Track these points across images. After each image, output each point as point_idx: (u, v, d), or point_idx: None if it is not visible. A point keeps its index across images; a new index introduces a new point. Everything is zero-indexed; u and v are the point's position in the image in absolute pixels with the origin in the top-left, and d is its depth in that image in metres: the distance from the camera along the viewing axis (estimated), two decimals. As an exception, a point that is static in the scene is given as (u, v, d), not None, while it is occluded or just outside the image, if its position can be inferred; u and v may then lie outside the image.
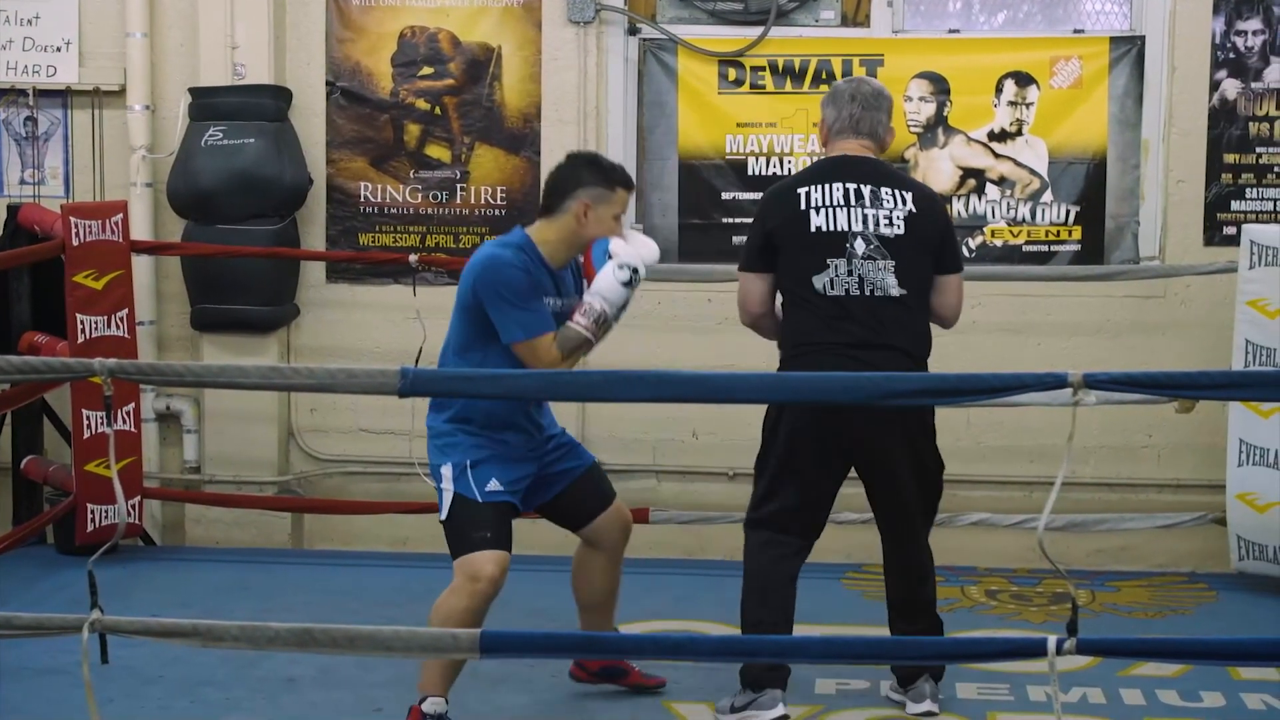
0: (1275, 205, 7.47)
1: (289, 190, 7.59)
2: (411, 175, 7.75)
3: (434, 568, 7.01)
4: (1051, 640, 4.06)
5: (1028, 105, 7.55)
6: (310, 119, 7.74)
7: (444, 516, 5.27)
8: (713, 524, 7.46)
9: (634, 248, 5.26)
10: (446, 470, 5.26)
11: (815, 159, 7.50)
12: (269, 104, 7.58)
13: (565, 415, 7.65)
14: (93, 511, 7.29)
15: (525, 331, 5.17)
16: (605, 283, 5.21)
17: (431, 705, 5.19)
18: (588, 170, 5.30)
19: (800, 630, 6.41)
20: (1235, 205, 7.47)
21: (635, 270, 5.20)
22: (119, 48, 7.75)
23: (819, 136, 5.83)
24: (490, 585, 5.18)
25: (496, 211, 7.72)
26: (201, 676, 5.92)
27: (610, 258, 5.21)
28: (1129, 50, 7.47)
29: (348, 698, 5.65)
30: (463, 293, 5.28)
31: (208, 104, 7.59)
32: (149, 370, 4.94)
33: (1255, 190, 7.48)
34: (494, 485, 5.24)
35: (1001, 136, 7.57)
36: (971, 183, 7.59)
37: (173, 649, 5.63)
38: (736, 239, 7.64)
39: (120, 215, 7.34)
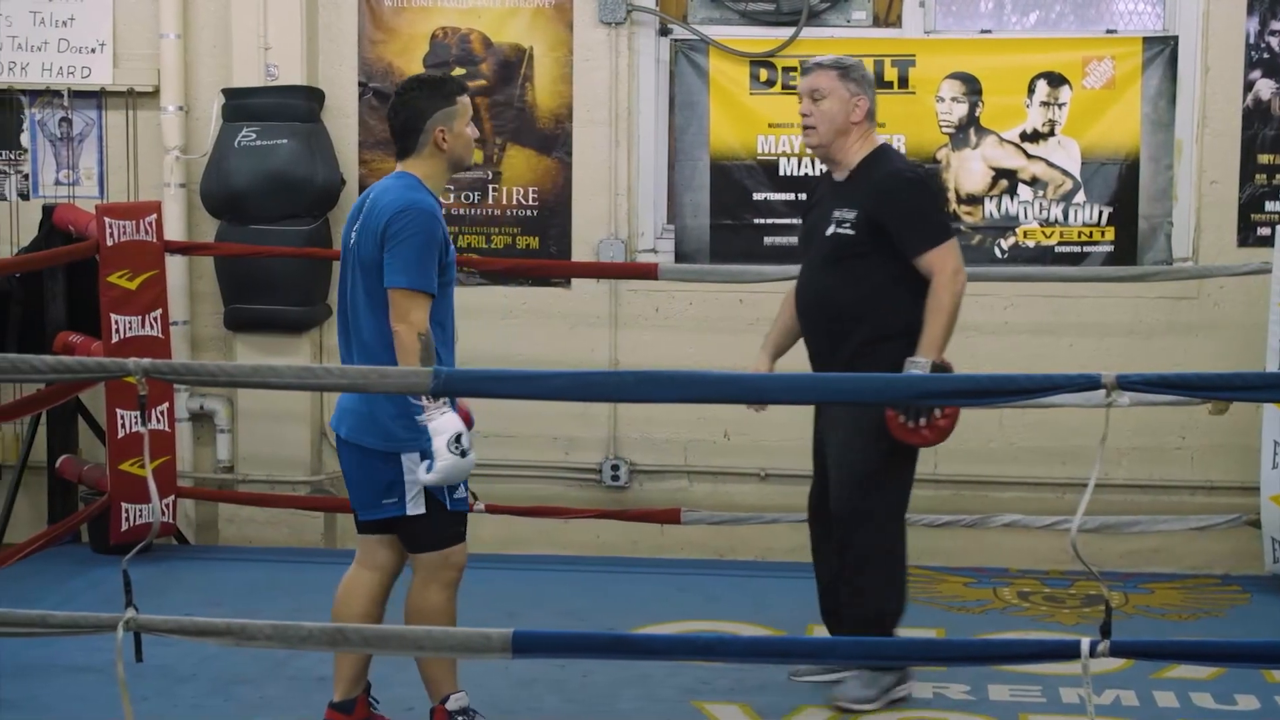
0: (1309, 206, 7.45)
1: (321, 190, 7.61)
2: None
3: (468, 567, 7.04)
4: (1085, 642, 4.05)
5: (1060, 106, 7.53)
6: (342, 120, 7.76)
7: (421, 511, 5.06)
8: (744, 525, 7.47)
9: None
10: (412, 460, 5.03)
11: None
12: (301, 105, 7.61)
13: (598, 417, 7.70)
14: (127, 511, 7.32)
15: (413, 280, 4.95)
16: (447, 425, 4.87)
17: (456, 701, 5.19)
18: (425, 98, 5.12)
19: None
20: (1269, 206, 7.44)
21: (464, 454, 4.90)
22: (153, 49, 7.79)
23: (853, 114, 5.71)
24: (460, 573, 5.17)
25: (529, 212, 7.74)
26: (234, 675, 5.94)
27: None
28: (1162, 50, 7.44)
29: (379, 696, 5.65)
30: (371, 246, 5.03)
31: (241, 105, 7.62)
32: (183, 370, 4.97)
33: (1289, 191, 7.46)
34: (461, 492, 5.13)
35: (1034, 137, 7.55)
36: (1004, 183, 7.57)
37: (206, 648, 5.64)
38: (768, 240, 7.66)
39: (154, 216, 7.37)
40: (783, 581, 7.25)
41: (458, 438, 4.86)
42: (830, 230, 5.71)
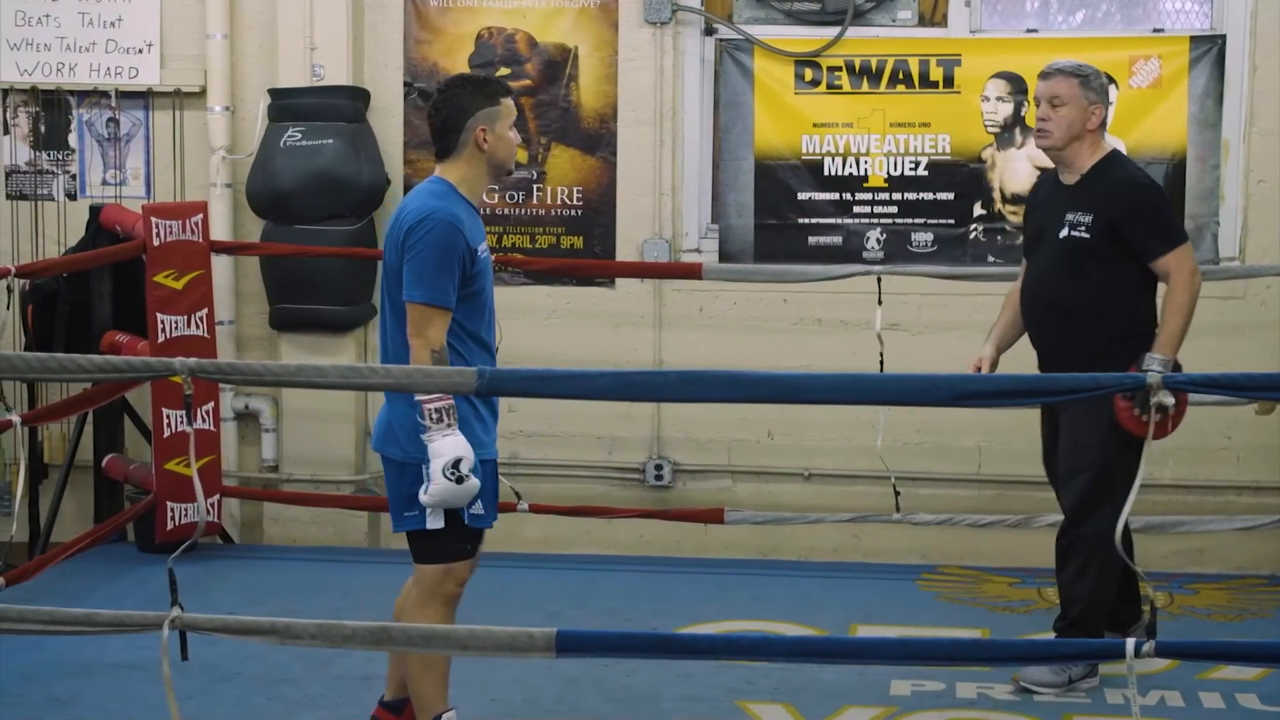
0: (1358, 205, 7.39)
1: (366, 190, 7.63)
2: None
3: (509, 566, 7.06)
4: (1130, 643, 4.04)
5: (1107, 105, 7.47)
6: (388, 119, 7.78)
7: (440, 525, 4.92)
8: (787, 524, 7.46)
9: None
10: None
11: (892, 158, 7.51)
12: (347, 105, 7.63)
13: (641, 416, 7.71)
14: (172, 510, 7.36)
15: (427, 294, 4.84)
16: (453, 447, 4.77)
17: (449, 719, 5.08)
18: (468, 96, 5.01)
19: (875, 631, 6.42)
20: (1316, 205, 7.39)
21: (460, 480, 4.79)
22: (199, 49, 7.83)
23: (1089, 121, 5.88)
24: (461, 589, 5.04)
25: (573, 212, 7.75)
26: (279, 674, 5.97)
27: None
28: (1209, 49, 7.40)
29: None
30: (393, 252, 4.94)
31: (286, 105, 7.64)
32: (228, 369, 4.98)
33: (1337, 190, 7.40)
34: (478, 509, 4.96)
35: (1079, 136, 7.50)
36: (1049, 183, 7.54)
37: (250, 646, 5.67)
38: (812, 239, 7.65)
39: (200, 216, 7.40)
40: (826, 581, 7.25)
41: (456, 463, 4.75)
42: (1064, 233, 5.86)
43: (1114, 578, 5.88)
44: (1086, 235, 5.81)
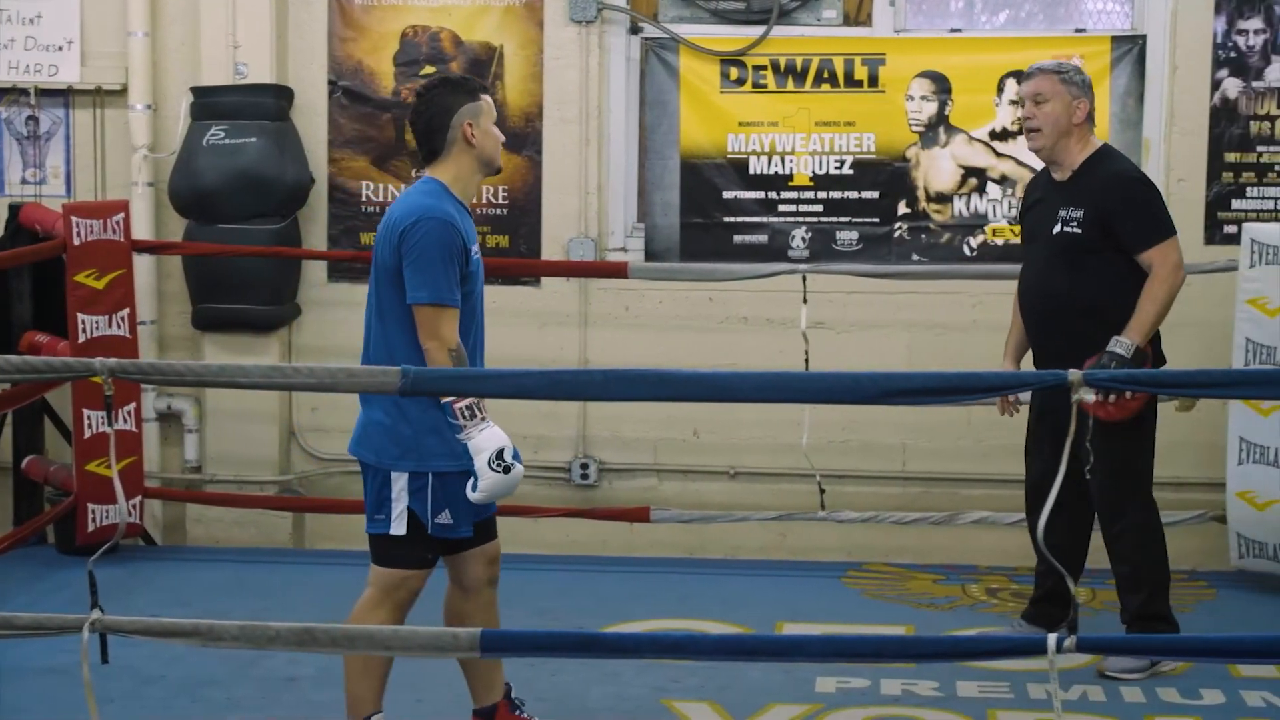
0: (1276, 204, 7.48)
1: (290, 189, 7.59)
2: (413, 174, 7.75)
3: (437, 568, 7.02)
4: (1052, 638, 4.07)
5: (1029, 104, 7.53)
6: (312, 118, 7.74)
7: (402, 531, 4.91)
8: (713, 523, 7.47)
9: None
10: (400, 480, 4.92)
11: (817, 157, 7.54)
12: (271, 103, 7.59)
13: (567, 415, 7.70)
14: (93, 511, 7.29)
15: (433, 294, 4.84)
16: (492, 438, 4.78)
17: None
18: (450, 95, 5.00)
19: (800, 629, 6.45)
20: (1236, 204, 7.48)
21: (507, 469, 4.78)
22: (121, 47, 7.76)
23: (1075, 116, 5.97)
24: (414, 596, 5.00)
25: (498, 211, 7.73)
26: (202, 676, 5.93)
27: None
28: (1130, 49, 7.47)
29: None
30: (385, 251, 4.93)
31: (209, 103, 7.59)
32: (150, 369, 4.93)
33: (1256, 189, 7.48)
34: (445, 518, 4.93)
35: (1003, 135, 7.57)
36: (973, 182, 7.60)
37: (173, 649, 5.63)
38: (738, 238, 7.67)
39: (122, 214, 7.34)
40: (752, 580, 7.27)
41: (499, 453, 4.75)
42: (1057, 229, 5.96)
43: (1165, 559, 6.07)
44: (1079, 230, 5.91)
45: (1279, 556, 6.88)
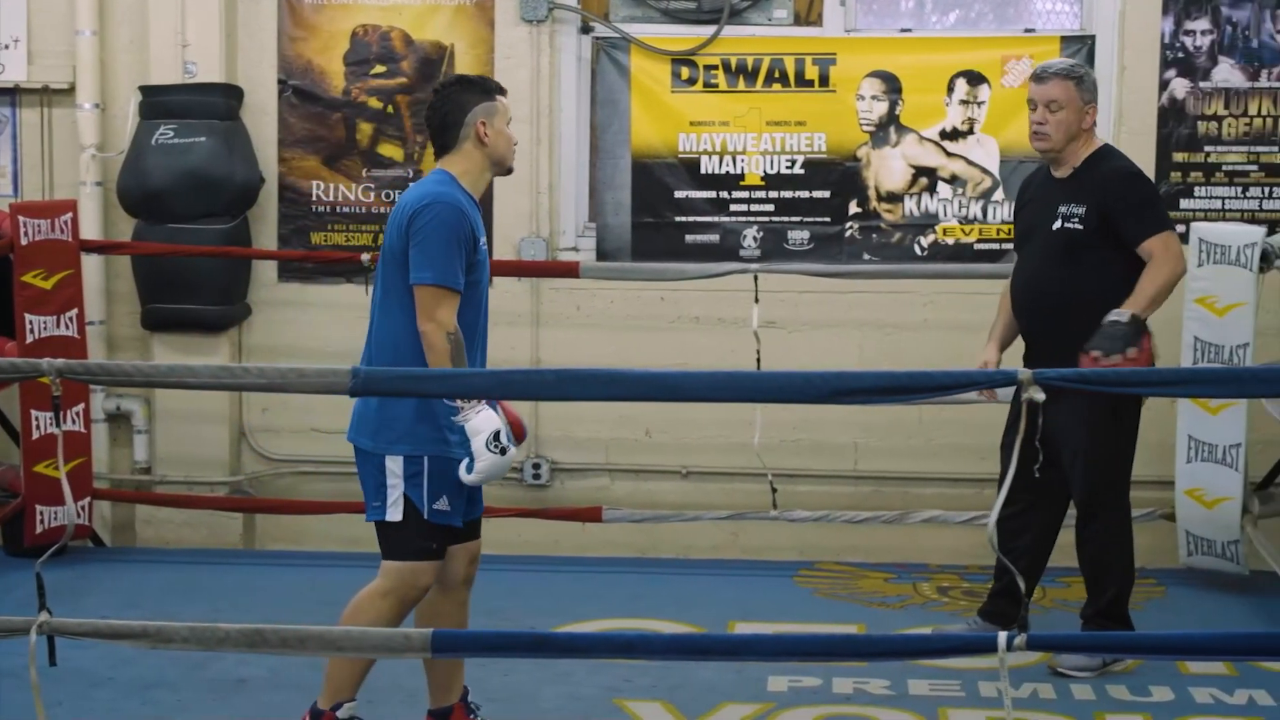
0: (1224, 204, 7.53)
1: (240, 189, 7.56)
2: (364, 174, 7.73)
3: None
4: (1002, 637, 4.08)
5: (979, 104, 7.58)
6: (262, 117, 7.71)
7: (398, 517, 4.96)
8: (665, 523, 7.47)
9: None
10: (396, 465, 4.96)
11: (768, 156, 7.55)
12: (220, 102, 7.55)
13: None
14: (41, 513, 7.25)
15: (435, 276, 4.88)
16: (487, 422, 4.80)
17: (348, 710, 5.04)
18: (466, 92, 5.11)
19: (752, 628, 6.45)
20: (1184, 204, 7.52)
21: (504, 451, 4.84)
22: (68, 45, 7.71)
23: (1085, 121, 5.99)
24: (422, 595, 5.04)
25: (449, 210, 7.70)
26: (152, 678, 5.89)
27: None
28: (1079, 49, 7.50)
29: (299, 698, 5.60)
30: (394, 236, 4.99)
31: (158, 102, 7.55)
32: (98, 370, 4.92)
33: (1204, 189, 7.53)
34: (443, 504, 4.96)
35: (953, 135, 7.60)
36: (923, 181, 7.62)
37: (122, 651, 5.59)
38: (689, 238, 7.67)
39: (70, 214, 7.30)
40: (704, 579, 7.28)
41: (496, 435, 4.80)
42: (1057, 225, 5.97)
43: (1132, 562, 6.11)
44: (1080, 226, 5.93)
45: (1227, 554, 6.92)
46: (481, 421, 4.82)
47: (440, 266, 4.90)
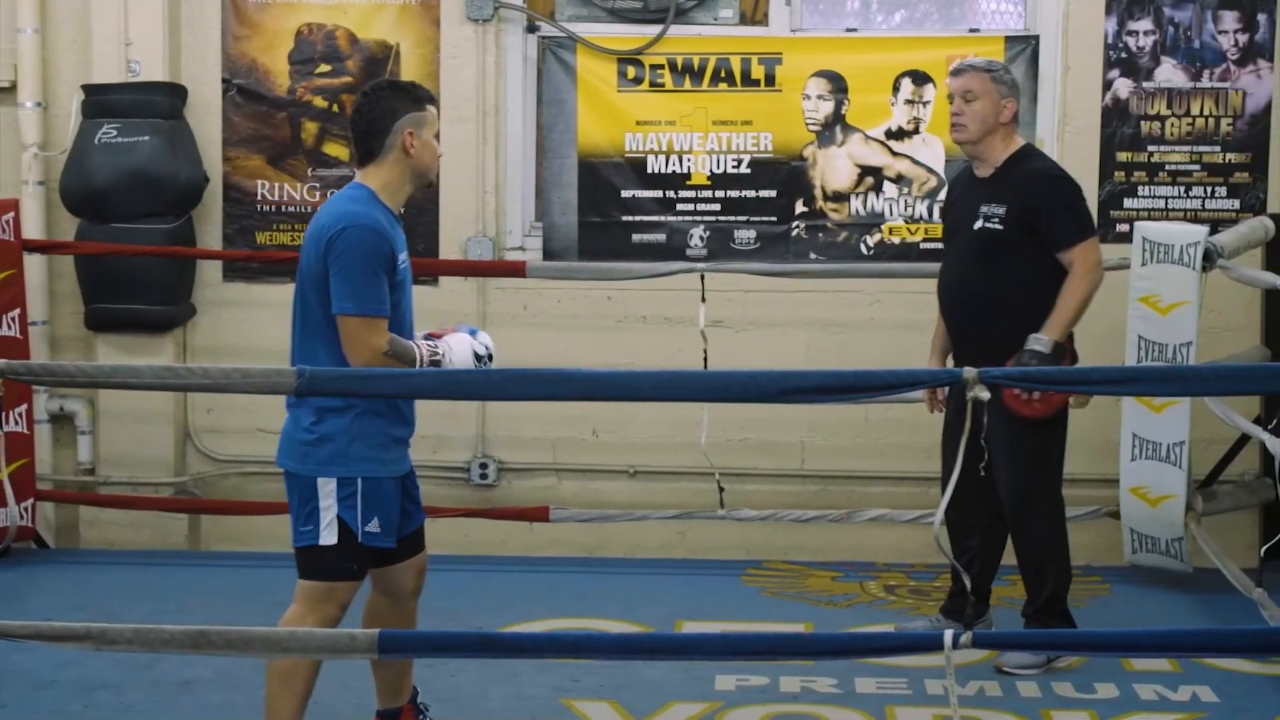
0: (1167, 203, 7.58)
1: (184, 188, 7.52)
2: (309, 173, 7.70)
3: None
4: (948, 635, 4.10)
5: (925, 104, 7.61)
6: (206, 116, 7.67)
7: (333, 540, 4.78)
8: (612, 522, 7.47)
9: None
10: (329, 486, 4.80)
11: (715, 156, 7.56)
12: (164, 101, 7.51)
13: (465, 415, 7.67)
14: (-16, 514, 7.20)
15: (358, 305, 4.73)
16: (461, 351, 4.93)
17: None
18: (395, 99, 4.91)
19: (699, 627, 6.46)
20: (1128, 203, 7.57)
21: (490, 357, 4.99)
22: (9, 43, 7.65)
23: (1002, 115, 6.04)
24: (343, 613, 4.90)
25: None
26: (96, 680, 5.85)
27: (474, 335, 5.03)
28: (1023, 49, 7.54)
29: (245, 700, 5.59)
30: (310, 258, 4.84)
31: (101, 101, 7.51)
32: (41, 371, 4.90)
33: (1147, 188, 7.58)
34: (374, 526, 4.81)
35: (899, 135, 7.62)
36: (869, 181, 7.64)
37: (66, 653, 5.56)
38: (636, 237, 7.67)
39: (12, 214, 7.25)
40: (651, 578, 7.27)
41: (478, 356, 4.95)
42: (978, 225, 5.99)
43: (1068, 557, 6.16)
44: (1000, 226, 5.95)
45: (1171, 551, 6.96)
46: (460, 357, 4.89)
47: (363, 295, 4.76)
